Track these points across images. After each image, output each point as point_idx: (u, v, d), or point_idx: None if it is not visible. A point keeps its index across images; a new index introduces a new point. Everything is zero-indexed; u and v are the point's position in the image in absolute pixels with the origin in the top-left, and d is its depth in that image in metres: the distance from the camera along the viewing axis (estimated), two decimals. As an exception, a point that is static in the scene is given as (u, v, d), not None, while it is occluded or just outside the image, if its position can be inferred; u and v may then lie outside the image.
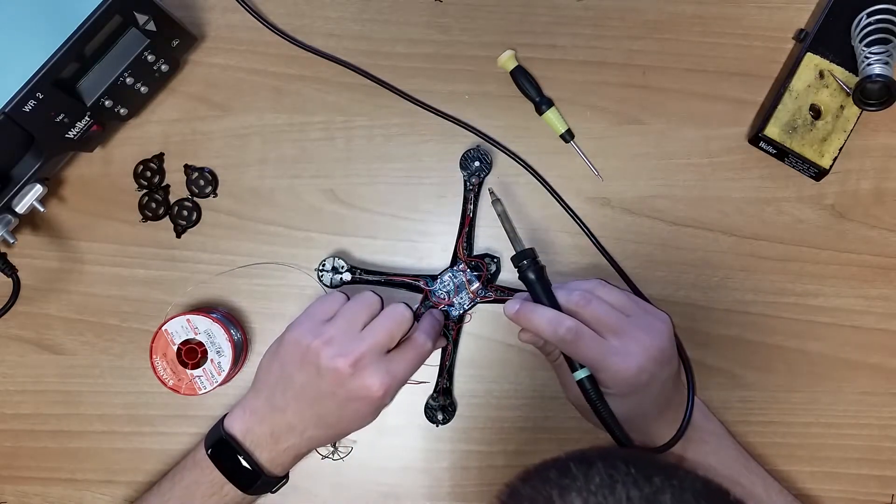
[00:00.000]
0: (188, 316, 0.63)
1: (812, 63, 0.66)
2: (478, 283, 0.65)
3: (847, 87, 0.65)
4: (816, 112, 0.66)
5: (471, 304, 0.66)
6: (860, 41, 0.64)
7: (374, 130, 0.69)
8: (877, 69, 0.62)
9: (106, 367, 0.68)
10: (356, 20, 0.69)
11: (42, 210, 0.63)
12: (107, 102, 0.63)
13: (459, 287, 0.66)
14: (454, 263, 0.66)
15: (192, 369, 0.63)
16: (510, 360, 0.67)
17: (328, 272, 0.66)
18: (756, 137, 0.67)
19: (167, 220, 0.68)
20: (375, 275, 0.66)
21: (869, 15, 0.63)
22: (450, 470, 0.67)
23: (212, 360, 0.63)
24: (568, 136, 0.68)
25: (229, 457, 0.58)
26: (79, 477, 0.67)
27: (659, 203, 0.68)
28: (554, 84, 0.69)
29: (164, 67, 0.65)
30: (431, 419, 0.66)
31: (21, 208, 0.62)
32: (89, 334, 0.68)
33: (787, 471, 0.67)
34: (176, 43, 0.65)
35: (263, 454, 0.59)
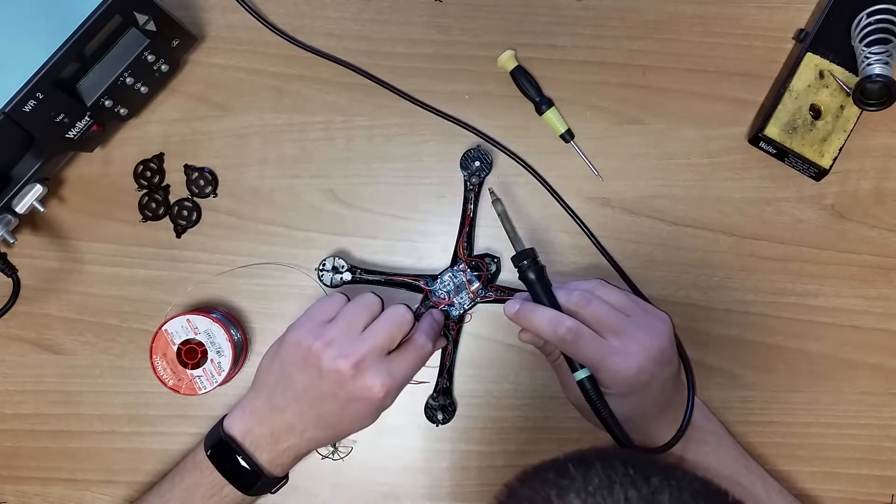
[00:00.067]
0: (188, 316, 0.63)
1: (812, 63, 0.66)
2: (478, 283, 0.65)
3: (847, 87, 0.65)
4: (816, 112, 0.66)
5: (471, 304, 0.66)
6: (860, 41, 0.64)
7: (374, 130, 0.69)
8: (877, 69, 0.62)
9: (106, 367, 0.68)
10: (356, 20, 0.69)
11: (42, 210, 0.63)
12: (107, 102, 0.63)
13: (459, 287, 0.66)
14: (454, 263, 0.66)
15: (192, 369, 0.63)
16: (510, 360, 0.68)
17: (328, 272, 0.66)
18: (756, 137, 0.67)
19: (167, 220, 0.68)
20: (375, 275, 0.66)
21: (869, 15, 0.63)
22: (450, 470, 0.67)
23: (212, 360, 0.63)
24: (568, 136, 0.68)
25: (229, 458, 0.58)
26: (79, 477, 0.67)
27: (659, 203, 0.68)
28: (554, 84, 0.69)
29: (164, 67, 0.65)
30: (431, 419, 0.66)
31: (21, 208, 0.62)
32: (89, 334, 0.68)
33: (787, 471, 0.67)
34: (176, 43, 0.65)
35: (263, 455, 0.59)
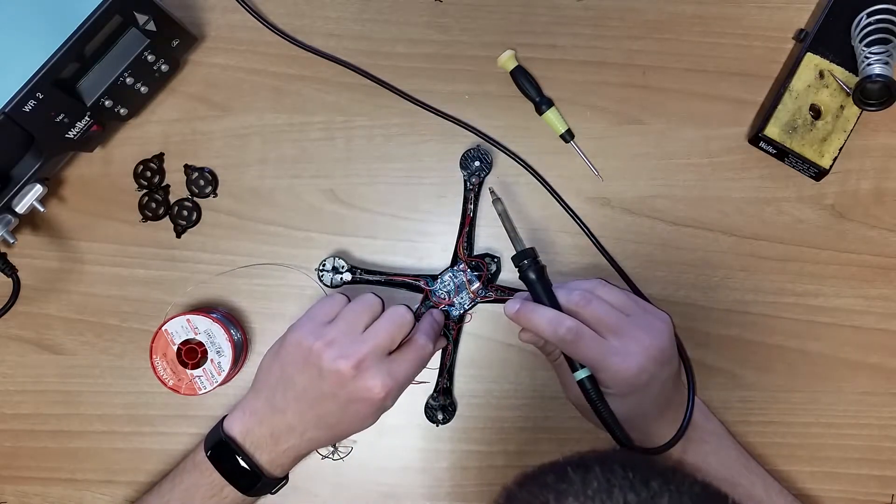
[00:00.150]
0: (188, 316, 0.63)
1: (812, 63, 0.66)
2: (478, 283, 0.65)
3: (847, 87, 0.65)
4: (816, 112, 0.66)
5: (471, 304, 0.66)
6: (860, 41, 0.64)
7: (374, 130, 0.69)
8: (877, 69, 0.62)
9: (106, 367, 0.68)
10: (356, 20, 0.69)
11: (42, 210, 0.63)
12: (107, 102, 0.63)
13: (460, 287, 0.66)
14: (454, 263, 0.66)
15: (192, 369, 0.63)
16: (510, 360, 0.67)
17: (328, 272, 0.66)
18: (756, 137, 0.67)
19: (167, 220, 0.68)
20: (376, 275, 0.66)
21: (869, 15, 0.63)
22: (450, 470, 0.67)
23: (212, 360, 0.63)
24: (568, 136, 0.68)
25: (229, 458, 0.58)
26: (79, 477, 0.67)
27: (659, 203, 0.68)
28: (554, 84, 0.69)
29: (164, 67, 0.65)
30: (431, 419, 0.66)
31: (21, 208, 0.62)
32: (89, 334, 0.68)
33: (787, 471, 0.67)
34: (176, 43, 0.65)
35: (263, 455, 0.59)
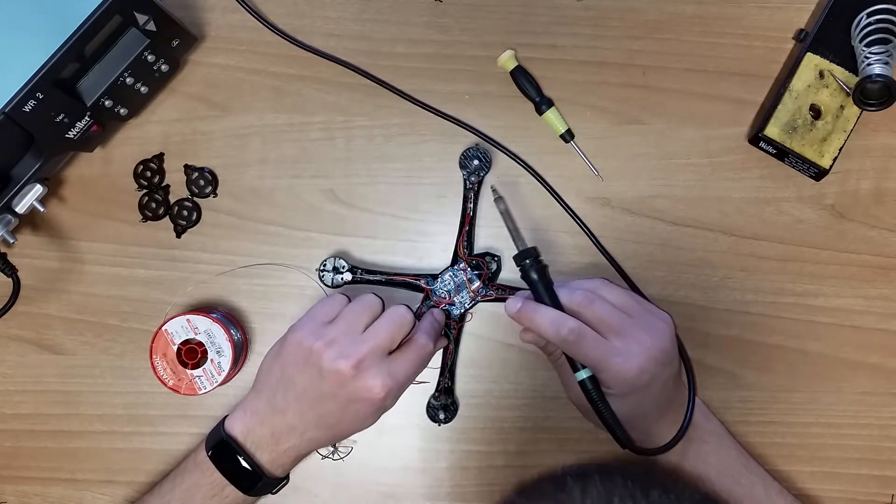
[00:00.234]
0: (188, 316, 0.63)
1: (812, 63, 0.66)
2: (478, 282, 0.65)
3: (847, 87, 0.65)
4: (816, 112, 0.66)
5: (472, 303, 0.66)
6: (860, 41, 0.64)
7: (374, 130, 0.69)
8: (877, 69, 0.62)
9: (106, 367, 0.68)
10: (356, 20, 0.69)
11: (42, 210, 0.63)
12: (107, 102, 0.63)
13: (460, 286, 0.66)
14: (455, 262, 0.66)
15: (192, 369, 0.63)
16: (510, 360, 0.67)
17: (329, 272, 0.66)
18: (756, 137, 0.67)
19: (167, 220, 0.68)
20: (376, 275, 0.66)
21: (869, 15, 0.63)
22: (449, 470, 0.67)
23: (212, 360, 0.63)
24: (568, 136, 0.68)
25: (230, 458, 0.58)
26: (79, 477, 0.67)
27: (659, 203, 0.68)
28: (554, 84, 0.69)
29: (164, 67, 0.65)
30: (433, 418, 0.66)
31: (21, 208, 0.62)
32: (89, 334, 0.68)
33: (787, 471, 0.67)
34: (176, 43, 0.65)
35: (264, 455, 0.59)
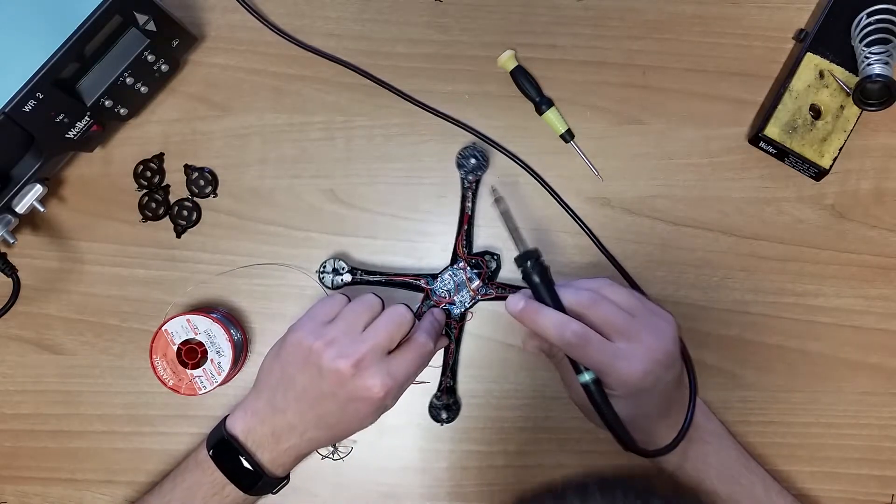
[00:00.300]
0: (188, 316, 0.63)
1: (812, 63, 0.66)
2: (478, 281, 0.65)
3: (847, 87, 0.65)
4: (816, 112, 0.66)
5: (472, 302, 0.66)
6: (860, 41, 0.64)
7: (374, 130, 0.69)
8: (877, 69, 0.62)
9: (106, 367, 0.68)
10: (356, 20, 0.69)
11: (42, 210, 0.63)
12: (107, 102, 0.63)
13: (460, 285, 0.65)
14: (454, 262, 0.66)
15: (192, 369, 0.63)
16: (510, 360, 0.67)
17: (329, 274, 0.66)
18: (756, 137, 0.67)
19: (167, 220, 0.68)
20: (376, 275, 0.66)
21: (869, 15, 0.64)
22: (449, 470, 0.67)
23: (212, 360, 0.63)
24: (568, 136, 0.68)
25: (231, 457, 0.58)
26: (79, 477, 0.67)
27: (659, 203, 0.68)
28: (554, 84, 0.69)
29: (164, 67, 0.65)
30: (436, 418, 0.66)
31: (21, 208, 0.62)
32: (89, 334, 0.68)
33: (787, 471, 0.67)
34: (176, 43, 0.65)
35: (265, 455, 0.59)
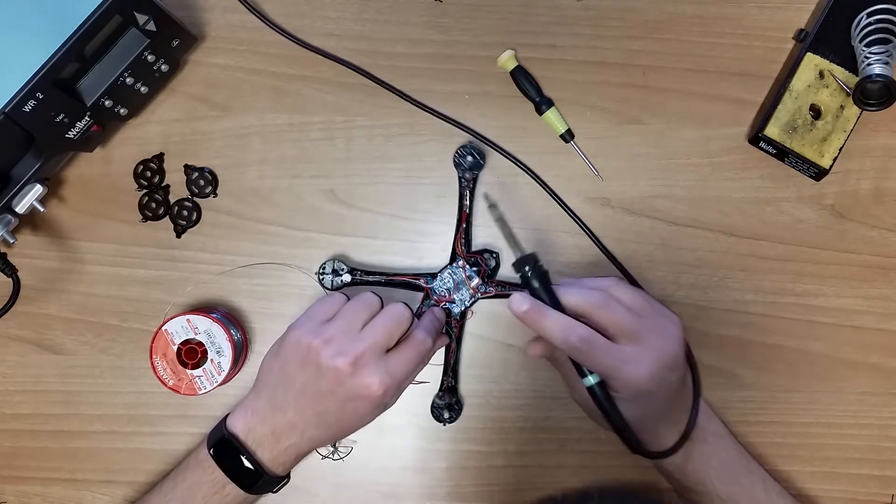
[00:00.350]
0: (188, 316, 0.63)
1: (812, 63, 0.66)
2: (478, 279, 0.65)
3: (847, 87, 0.65)
4: (816, 112, 0.66)
5: (472, 301, 0.66)
6: (860, 41, 0.64)
7: (374, 130, 0.69)
8: (877, 69, 0.62)
9: (106, 367, 0.68)
10: (356, 20, 0.69)
11: (42, 210, 0.63)
12: (107, 102, 0.63)
13: (459, 284, 0.65)
14: (453, 260, 0.66)
15: (192, 369, 0.63)
16: (510, 360, 0.67)
17: (328, 275, 0.66)
18: (756, 137, 0.67)
19: (167, 220, 0.68)
20: (375, 275, 0.66)
21: (869, 15, 0.64)
22: (449, 470, 0.67)
23: (212, 360, 0.63)
24: (568, 136, 0.68)
25: (231, 456, 0.58)
26: (79, 477, 0.67)
27: (659, 203, 0.68)
28: (554, 84, 0.69)
29: (164, 67, 0.65)
30: (438, 418, 0.66)
31: (21, 208, 0.62)
32: (89, 334, 0.68)
33: (787, 471, 0.67)
34: (176, 43, 0.65)
35: (265, 453, 0.59)
